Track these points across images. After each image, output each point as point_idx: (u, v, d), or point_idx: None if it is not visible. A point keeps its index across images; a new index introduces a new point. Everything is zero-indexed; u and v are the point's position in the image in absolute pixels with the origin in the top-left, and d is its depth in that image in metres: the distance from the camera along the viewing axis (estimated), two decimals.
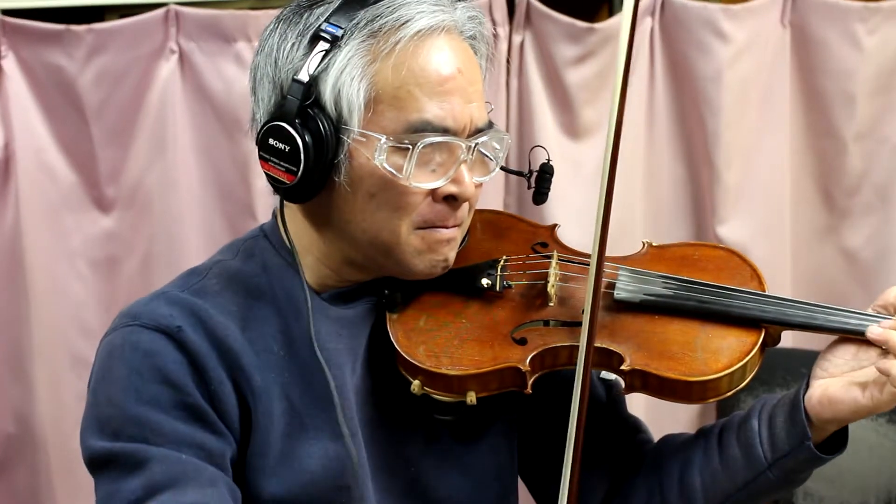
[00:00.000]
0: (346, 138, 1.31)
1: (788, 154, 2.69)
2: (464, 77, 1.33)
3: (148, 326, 1.33)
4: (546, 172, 1.47)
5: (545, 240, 1.50)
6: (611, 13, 2.66)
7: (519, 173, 1.48)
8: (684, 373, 1.34)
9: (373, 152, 1.30)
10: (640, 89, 2.59)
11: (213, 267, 1.42)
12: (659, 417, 2.37)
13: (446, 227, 1.36)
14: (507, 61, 2.53)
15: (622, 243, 1.52)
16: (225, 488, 1.29)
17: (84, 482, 2.47)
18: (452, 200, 1.35)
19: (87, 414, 1.34)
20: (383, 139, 1.30)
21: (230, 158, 2.44)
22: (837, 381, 1.35)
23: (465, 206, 1.37)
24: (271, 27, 1.37)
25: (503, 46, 2.51)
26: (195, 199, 2.44)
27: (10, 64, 2.33)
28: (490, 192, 2.51)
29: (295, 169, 1.31)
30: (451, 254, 1.39)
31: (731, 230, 2.66)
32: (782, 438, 1.37)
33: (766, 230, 2.70)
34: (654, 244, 1.50)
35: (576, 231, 2.52)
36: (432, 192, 1.34)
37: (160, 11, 2.36)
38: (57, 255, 2.43)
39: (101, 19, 2.43)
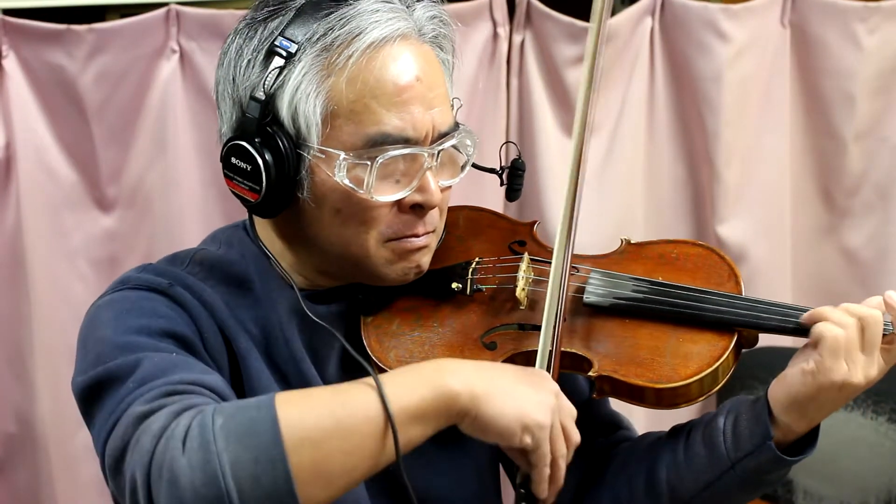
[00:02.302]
0: (306, 155, 1.30)
1: (788, 154, 2.69)
2: (423, 84, 1.32)
3: (138, 287, 1.34)
4: (518, 169, 1.45)
5: (523, 238, 1.49)
6: (611, 13, 2.66)
7: (491, 170, 1.46)
8: (652, 379, 1.33)
9: (333, 168, 1.30)
10: (640, 89, 2.60)
11: (195, 254, 1.42)
12: (659, 414, 2.37)
13: (417, 236, 1.36)
14: (508, 61, 2.53)
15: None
16: (219, 378, 1.27)
17: (84, 482, 2.49)
18: (419, 209, 1.34)
19: (76, 364, 1.33)
20: (342, 155, 1.29)
21: None
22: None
23: (435, 211, 1.36)
24: (229, 40, 1.36)
25: (503, 46, 2.51)
26: (196, 199, 2.44)
27: (11, 63, 2.33)
28: (491, 190, 2.50)
29: (258, 187, 1.30)
30: (424, 259, 1.38)
31: (731, 230, 2.67)
32: (745, 437, 1.35)
33: (766, 230, 2.70)
34: (632, 242, 1.47)
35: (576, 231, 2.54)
36: (398, 203, 1.33)
37: (161, 11, 2.37)
38: (58, 254, 2.43)
39: (101, 19, 2.43)
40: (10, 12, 2.33)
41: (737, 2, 2.60)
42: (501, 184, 1.45)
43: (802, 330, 1.34)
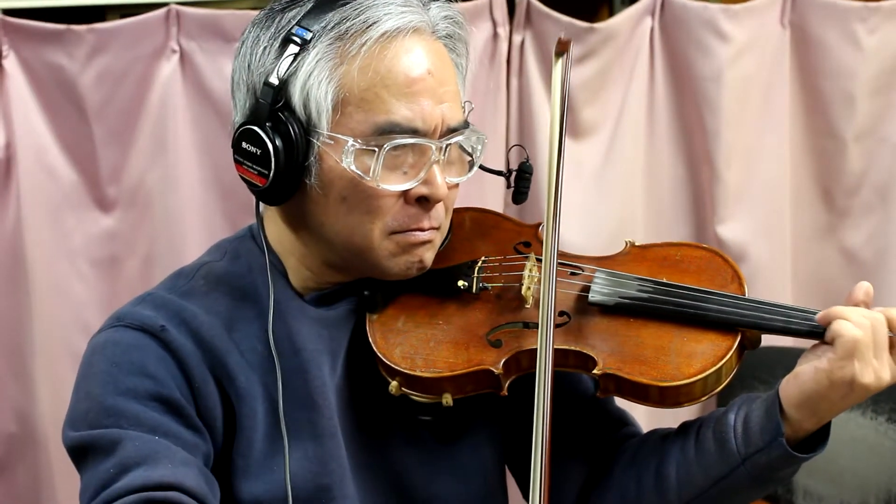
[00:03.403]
0: (315, 141, 1.32)
1: (788, 154, 2.70)
2: (434, 78, 1.33)
3: (132, 326, 1.35)
4: (525, 172, 1.47)
5: (528, 239, 1.50)
6: (611, 13, 2.67)
7: (499, 173, 1.48)
8: (656, 378, 1.34)
9: (341, 155, 1.31)
10: (640, 89, 2.60)
11: (200, 268, 1.44)
12: (660, 414, 2.37)
13: (422, 230, 1.36)
14: (507, 61, 2.53)
15: (620, 243, 1.52)
16: (198, 471, 1.30)
17: None
18: (425, 202, 1.35)
19: (68, 410, 1.37)
20: (350, 141, 1.30)
21: (231, 158, 2.44)
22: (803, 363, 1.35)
23: (441, 207, 1.37)
24: (247, 31, 1.38)
25: (503, 46, 2.51)
26: (196, 199, 2.44)
27: (12, 64, 2.33)
28: (491, 190, 2.51)
29: (266, 172, 1.32)
30: (428, 255, 1.39)
31: (731, 230, 2.67)
32: (756, 434, 1.35)
33: (766, 230, 2.70)
34: (636, 244, 1.49)
35: (575, 231, 2.54)
36: (404, 195, 1.34)
37: (161, 11, 2.37)
38: (58, 254, 2.43)
39: (102, 19, 2.43)
40: (10, 12, 2.33)
41: (737, 2, 2.60)
42: (508, 186, 1.46)
43: (806, 332, 1.35)
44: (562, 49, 1.27)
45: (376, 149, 1.30)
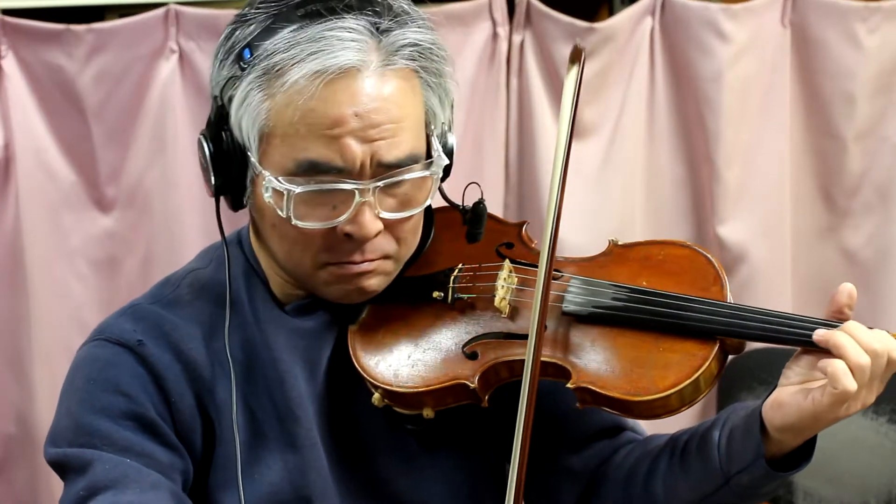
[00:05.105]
0: (249, 166, 1.31)
1: (788, 154, 2.69)
2: (361, 119, 1.26)
3: (111, 340, 1.35)
4: (478, 214, 1.42)
5: (511, 240, 1.44)
6: (611, 13, 2.66)
7: (455, 206, 1.43)
8: (629, 392, 1.28)
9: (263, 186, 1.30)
10: (641, 89, 2.59)
11: (186, 276, 1.43)
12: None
13: (354, 263, 1.33)
14: (507, 61, 2.53)
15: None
16: (168, 494, 1.29)
17: None
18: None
19: (51, 424, 1.37)
20: (268, 176, 1.28)
21: None
22: (789, 388, 1.29)
23: (381, 240, 1.32)
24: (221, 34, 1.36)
25: (503, 46, 2.51)
26: (195, 199, 2.44)
27: (10, 64, 2.33)
28: (490, 191, 2.50)
29: (210, 183, 1.33)
30: (370, 283, 1.35)
31: (731, 230, 2.66)
32: (738, 452, 1.31)
33: (766, 230, 2.69)
34: (619, 243, 1.42)
35: (575, 231, 2.54)
36: (333, 228, 1.30)
37: (160, 11, 2.37)
38: (57, 254, 2.43)
39: (101, 19, 2.43)
40: (9, 12, 2.33)
41: (737, 2, 2.60)
42: (464, 223, 1.42)
43: (786, 340, 1.30)
44: (576, 57, 1.25)
45: (285, 192, 1.27)
